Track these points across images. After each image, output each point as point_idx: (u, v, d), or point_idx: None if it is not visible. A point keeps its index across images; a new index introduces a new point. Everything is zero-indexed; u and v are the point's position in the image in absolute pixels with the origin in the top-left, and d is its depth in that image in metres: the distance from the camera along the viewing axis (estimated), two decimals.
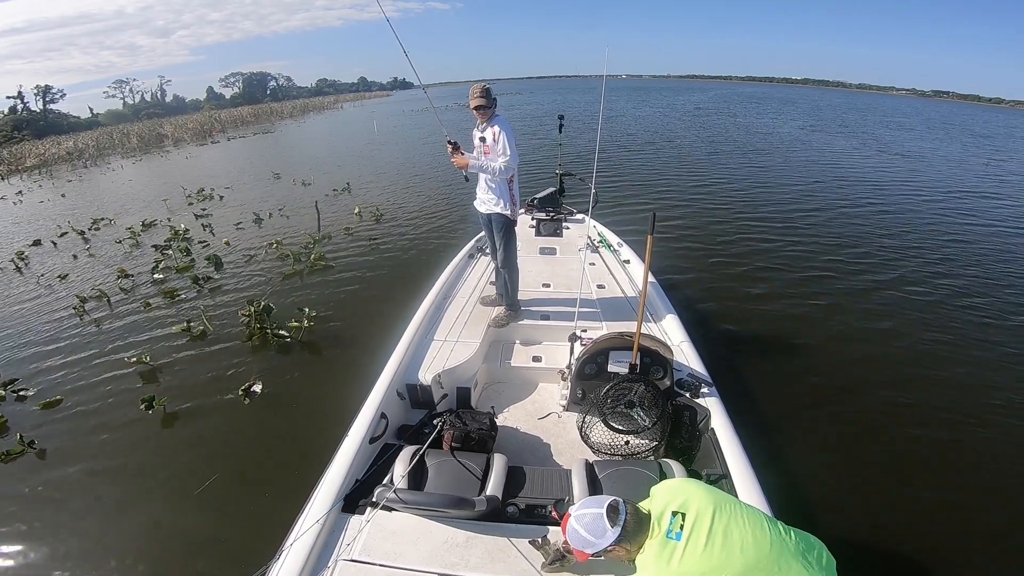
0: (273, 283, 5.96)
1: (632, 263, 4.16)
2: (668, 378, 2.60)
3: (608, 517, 1.43)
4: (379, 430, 2.41)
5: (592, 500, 1.53)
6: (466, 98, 3.05)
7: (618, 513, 1.44)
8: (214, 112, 47.87)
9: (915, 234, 7.21)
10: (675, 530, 1.40)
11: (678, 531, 1.39)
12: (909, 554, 2.45)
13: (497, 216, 3.24)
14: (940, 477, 2.95)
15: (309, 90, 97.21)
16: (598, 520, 1.43)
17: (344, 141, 21.17)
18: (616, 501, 1.47)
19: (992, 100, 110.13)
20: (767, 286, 5.42)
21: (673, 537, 1.39)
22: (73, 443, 3.49)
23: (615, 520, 1.42)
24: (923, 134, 21.21)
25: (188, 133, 27.89)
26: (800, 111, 31.61)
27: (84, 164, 19.53)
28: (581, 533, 1.45)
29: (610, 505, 1.45)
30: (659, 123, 22.26)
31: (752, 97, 48.40)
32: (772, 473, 2.16)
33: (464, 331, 3.21)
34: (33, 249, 8.18)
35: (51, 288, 6.42)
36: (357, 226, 8.02)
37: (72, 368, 4.42)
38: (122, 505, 2.93)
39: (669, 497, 1.49)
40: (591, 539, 1.43)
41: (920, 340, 4.35)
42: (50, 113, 53.25)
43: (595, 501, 1.51)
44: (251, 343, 4.56)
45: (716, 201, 8.84)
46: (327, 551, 1.79)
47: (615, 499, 1.48)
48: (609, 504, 1.46)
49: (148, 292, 5.97)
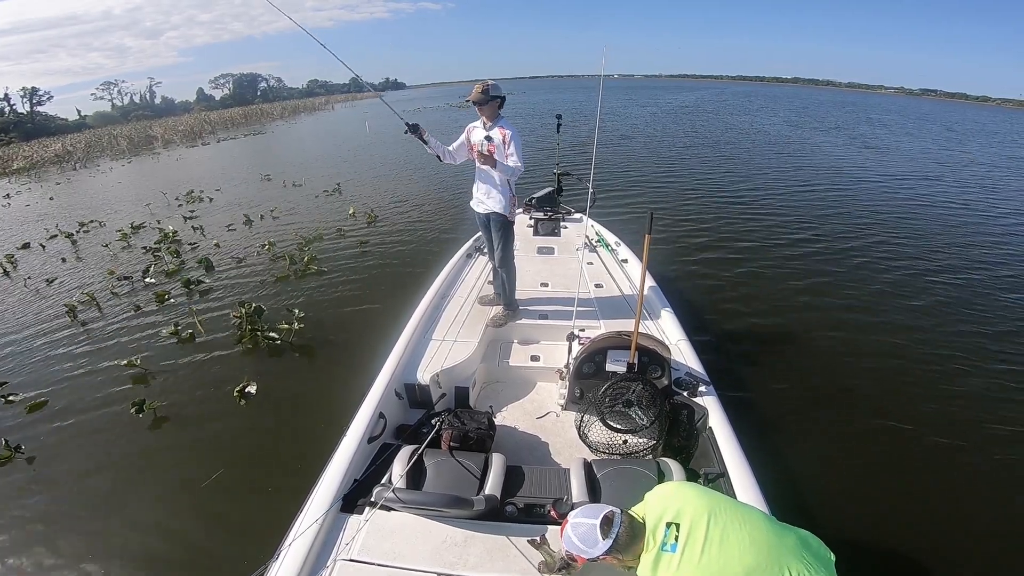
0: (265, 285, 5.91)
1: (630, 262, 4.17)
2: (666, 377, 2.60)
3: (601, 529, 1.45)
4: (377, 430, 2.39)
5: (590, 509, 1.54)
6: (460, 98, 3.07)
7: (611, 526, 1.46)
8: (204, 113, 47.48)
9: (916, 233, 7.26)
10: (670, 542, 1.41)
11: (673, 543, 1.40)
12: (908, 552, 2.46)
13: (495, 216, 3.24)
14: (940, 476, 2.95)
15: (300, 91, 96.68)
16: (592, 531, 1.46)
17: (336, 142, 21.07)
18: (612, 513, 1.49)
19: (979, 98, 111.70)
20: (766, 285, 5.45)
21: (668, 549, 1.40)
22: (61, 448, 3.44)
23: (607, 533, 1.44)
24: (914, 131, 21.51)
25: (178, 135, 27.64)
26: (793, 109, 31.95)
27: (73, 166, 19.30)
28: (574, 541, 1.49)
29: (605, 517, 1.47)
30: (655, 122, 22.37)
31: (742, 95, 48.77)
32: (770, 471, 2.16)
33: (462, 331, 3.20)
34: (21, 252, 8.06)
35: (39, 292, 6.32)
36: (351, 227, 7.97)
37: (61, 372, 4.36)
38: (113, 509, 2.89)
39: (663, 506, 1.50)
40: (583, 548, 1.47)
41: (920, 339, 4.38)
42: (37, 115, 52.62)
43: (592, 511, 1.52)
44: (242, 345, 4.51)
45: (714, 200, 8.88)
46: (326, 551, 1.78)
47: (611, 511, 1.50)
48: (604, 516, 1.48)
49: (138, 295, 5.91)
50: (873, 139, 18.08)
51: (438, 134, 3.14)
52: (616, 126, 20.50)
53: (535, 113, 28.73)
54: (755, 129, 20.05)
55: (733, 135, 17.96)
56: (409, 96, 74.56)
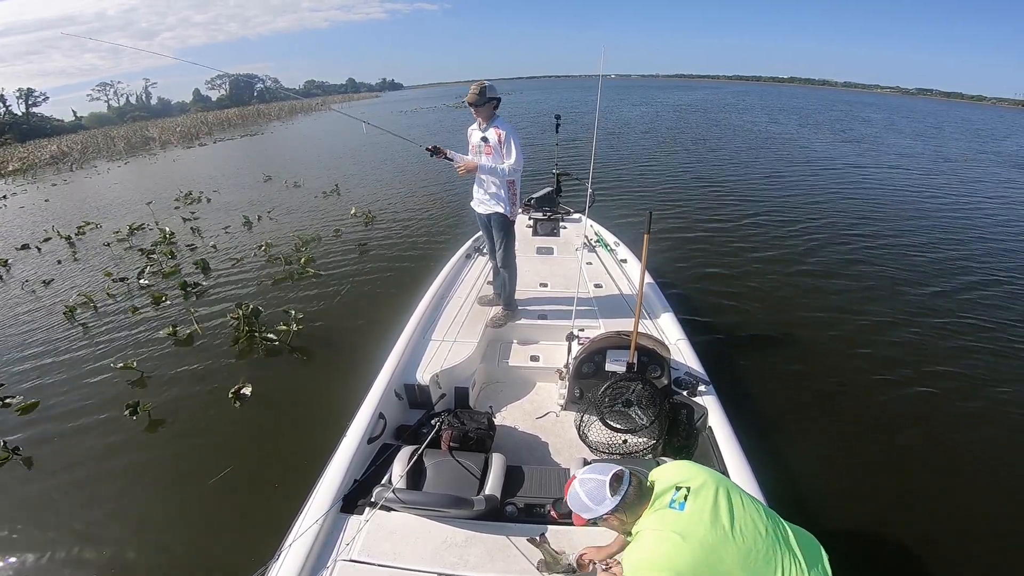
0: (263, 286, 5.89)
1: (629, 262, 4.18)
2: (665, 376, 2.61)
3: (611, 486, 1.42)
4: (377, 430, 2.39)
5: (599, 466, 1.51)
6: (457, 98, 3.06)
7: (621, 483, 1.43)
8: (201, 114, 47.33)
9: (917, 232, 7.28)
10: (679, 500, 1.39)
11: (681, 501, 1.39)
12: (906, 551, 2.46)
13: (497, 216, 3.24)
14: (939, 475, 2.96)
15: (297, 92, 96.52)
16: (600, 487, 1.43)
17: (334, 142, 21.03)
18: (622, 471, 1.46)
19: (974, 97, 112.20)
20: (765, 284, 5.45)
21: (676, 507, 1.38)
22: (56, 450, 3.42)
23: (616, 489, 1.41)
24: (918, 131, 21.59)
25: (175, 136, 27.55)
26: (789, 109, 32.07)
27: (69, 168, 19.22)
28: (581, 497, 1.45)
29: (615, 474, 1.44)
30: (654, 122, 22.39)
31: (740, 94, 48.90)
32: (769, 471, 2.16)
33: (462, 331, 3.20)
34: (17, 254, 8.03)
35: (35, 294, 6.30)
36: (350, 228, 7.96)
37: (58, 374, 4.34)
38: (110, 512, 2.87)
39: (672, 473, 1.50)
40: (590, 504, 1.43)
41: (920, 337, 4.39)
42: (33, 116, 52.38)
43: (602, 468, 1.49)
44: (239, 347, 4.50)
45: (714, 200, 8.89)
46: (326, 551, 1.78)
47: (621, 468, 1.47)
48: (614, 473, 1.45)
49: (135, 297, 5.88)
50: (872, 138, 18.12)
51: (438, 134, 3.14)
52: (616, 126, 20.53)
53: (536, 112, 28.75)
54: (754, 129, 20.09)
55: (733, 135, 17.98)
56: (407, 96, 74.53)
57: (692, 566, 1.29)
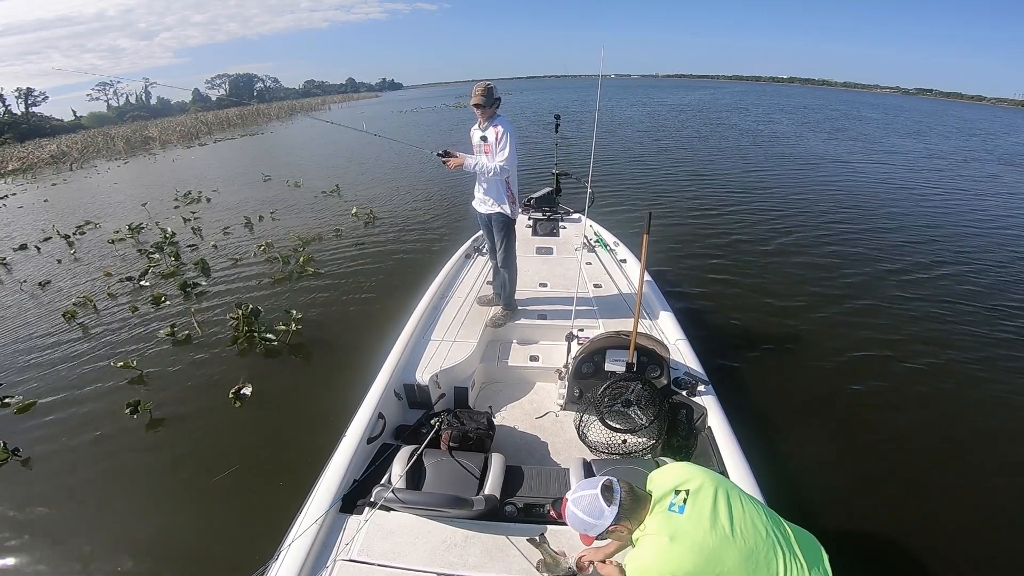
0: (263, 286, 5.89)
1: (628, 262, 4.18)
2: (665, 376, 2.61)
3: (603, 497, 1.43)
4: (377, 430, 2.39)
5: (585, 483, 1.52)
6: (457, 98, 3.05)
7: (612, 492, 1.43)
8: (201, 114, 47.30)
9: (917, 231, 7.28)
10: (678, 504, 1.39)
11: (681, 505, 1.39)
12: (905, 551, 2.46)
13: (497, 216, 3.23)
14: (940, 475, 2.96)
15: (297, 92, 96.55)
16: (595, 501, 1.43)
17: (333, 142, 21.02)
18: (609, 480, 1.47)
19: (973, 97, 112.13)
20: (766, 284, 5.45)
21: (676, 511, 1.39)
22: (56, 450, 3.42)
23: (610, 499, 1.42)
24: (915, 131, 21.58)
25: (175, 136, 27.54)
26: (789, 109, 32.09)
27: (69, 167, 19.21)
28: (581, 516, 1.45)
29: (603, 485, 1.45)
30: (651, 122, 22.40)
31: (740, 95, 48.91)
32: (769, 470, 2.16)
33: (461, 331, 3.20)
34: (16, 254, 8.03)
35: (34, 295, 6.29)
36: (350, 228, 7.95)
37: (57, 374, 4.34)
38: (110, 511, 2.88)
39: (670, 477, 1.50)
40: (591, 521, 1.43)
41: (920, 337, 4.39)
42: (32, 116, 52.42)
43: (588, 483, 1.50)
44: (238, 347, 4.50)
45: (714, 200, 8.89)
46: (325, 551, 1.78)
47: (607, 478, 1.48)
48: (602, 484, 1.45)
49: (135, 297, 5.88)
50: (874, 139, 18.12)
51: (437, 134, 3.13)
52: (615, 126, 20.54)
53: (535, 112, 28.75)
54: (755, 129, 20.08)
55: (732, 135, 17.97)
56: (407, 96, 74.48)
57: (693, 570, 1.30)
